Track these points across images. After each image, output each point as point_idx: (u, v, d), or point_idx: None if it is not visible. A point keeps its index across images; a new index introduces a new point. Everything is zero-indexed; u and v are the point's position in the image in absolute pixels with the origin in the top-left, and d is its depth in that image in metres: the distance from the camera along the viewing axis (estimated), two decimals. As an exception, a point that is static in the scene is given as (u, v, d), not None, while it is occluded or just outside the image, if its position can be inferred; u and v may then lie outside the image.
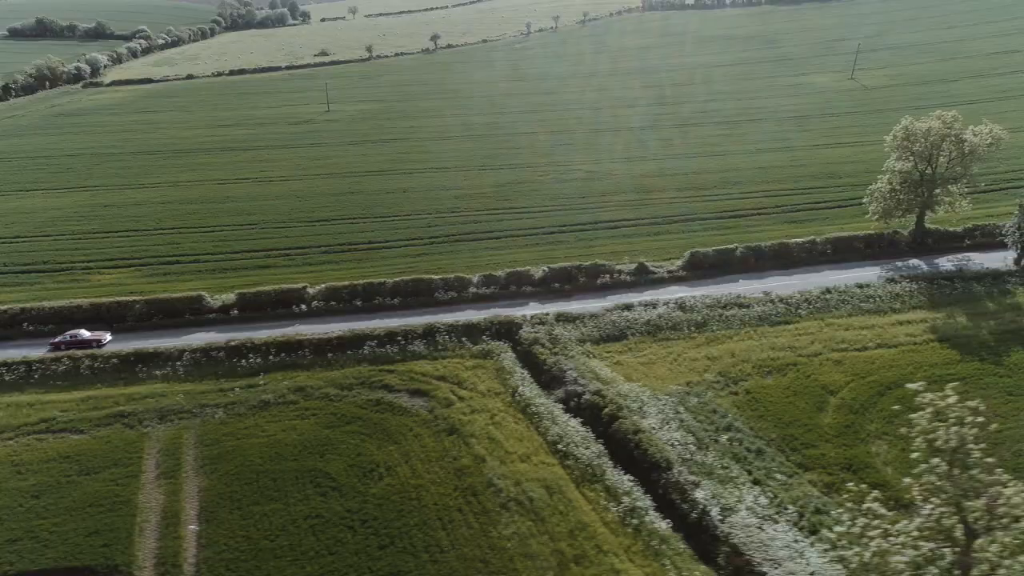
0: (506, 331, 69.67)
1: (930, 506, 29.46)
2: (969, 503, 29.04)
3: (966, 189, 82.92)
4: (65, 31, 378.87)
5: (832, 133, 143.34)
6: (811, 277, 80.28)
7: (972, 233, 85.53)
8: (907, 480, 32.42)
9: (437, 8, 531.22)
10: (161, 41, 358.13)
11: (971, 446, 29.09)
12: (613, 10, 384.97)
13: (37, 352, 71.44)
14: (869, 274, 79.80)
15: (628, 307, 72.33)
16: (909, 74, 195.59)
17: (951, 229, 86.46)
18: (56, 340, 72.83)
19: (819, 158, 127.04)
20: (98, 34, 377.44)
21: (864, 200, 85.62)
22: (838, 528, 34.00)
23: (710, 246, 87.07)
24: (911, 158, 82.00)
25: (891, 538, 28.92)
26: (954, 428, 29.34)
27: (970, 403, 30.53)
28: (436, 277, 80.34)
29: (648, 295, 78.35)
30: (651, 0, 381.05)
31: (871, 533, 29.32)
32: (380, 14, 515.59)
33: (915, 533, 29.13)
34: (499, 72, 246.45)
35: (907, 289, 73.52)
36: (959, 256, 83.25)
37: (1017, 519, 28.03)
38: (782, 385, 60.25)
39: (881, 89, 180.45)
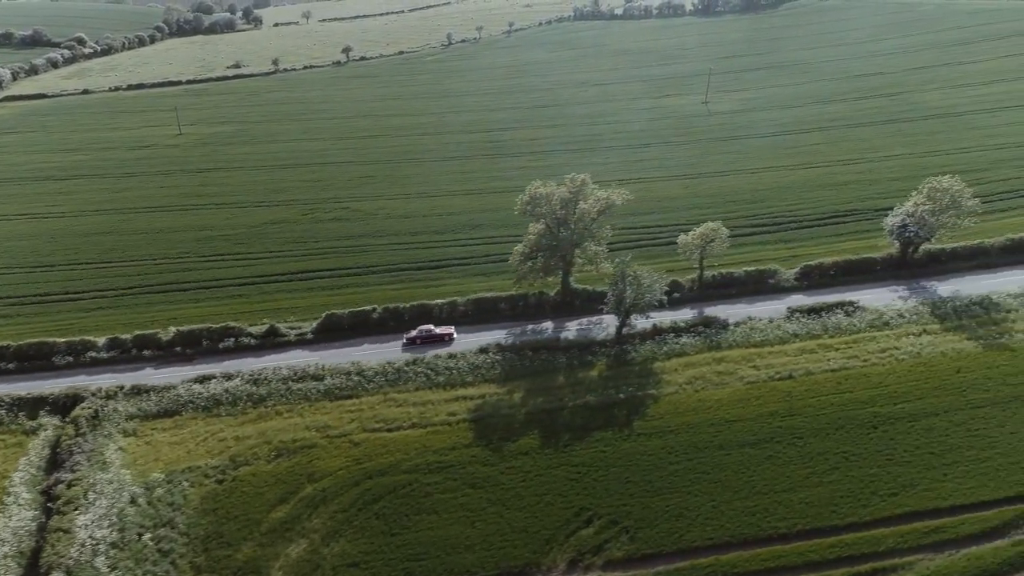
0: (72, 404, 70.22)
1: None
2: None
3: (603, 249, 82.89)
4: (1, 39, 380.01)
5: (608, 169, 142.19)
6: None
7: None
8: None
9: (392, 12, 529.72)
10: (89, 50, 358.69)
11: None
12: (543, 19, 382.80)
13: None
14: (492, 338, 79.75)
15: (205, 379, 72.84)
16: (763, 98, 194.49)
17: (599, 289, 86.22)
18: (412, 335, 78.98)
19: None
20: (35, 41, 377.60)
21: (510, 261, 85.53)
22: None
23: (373, 303, 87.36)
24: (543, 221, 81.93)
25: None
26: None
27: None
28: (60, 340, 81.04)
29: (267, 360, 78.94)
30: (581, 10, 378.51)
31: None
32: (335, 18, 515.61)
33: None
34: (386, 90, 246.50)
35: (489, 360, 73.65)
36: (593, 319, 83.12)
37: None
38: (274, 472, 60.75)
39: (721, 115, 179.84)
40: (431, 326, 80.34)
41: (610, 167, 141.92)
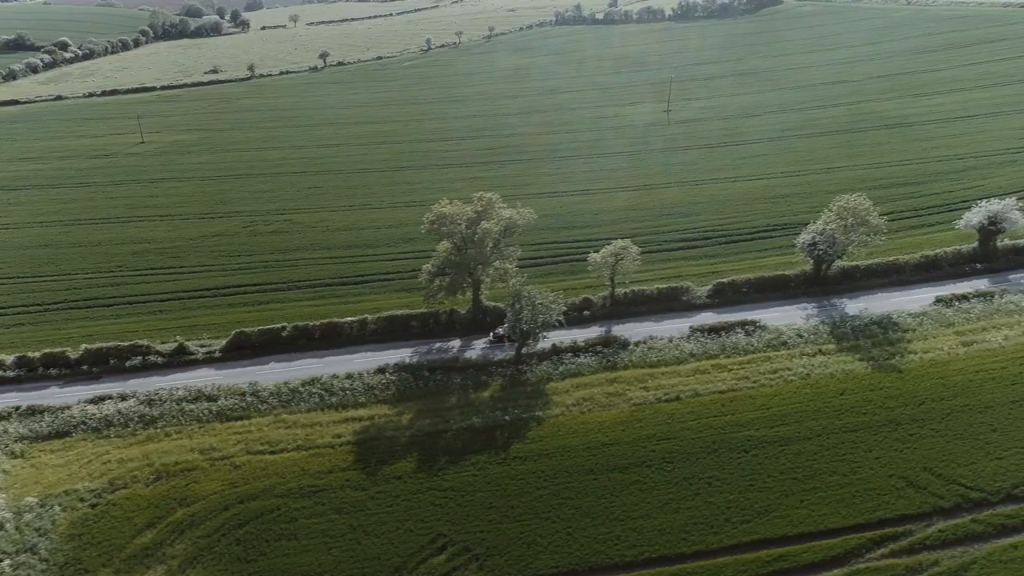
0: (-36, 425, 70.55)
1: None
2: None
3: (512, 267, 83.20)
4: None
5: (556, 180, 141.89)
6: (337, 360, 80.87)
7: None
8: None
9: (379, 16, 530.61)
10: (70, 55, 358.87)
11: None
12: (525, 24, 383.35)
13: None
14: (398, 357, 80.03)
15: (101, 399, 73.18)
16: (724, 107, 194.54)
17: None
18: (499, 332, 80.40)
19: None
20: (19, 45, 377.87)
21: (419, 279, 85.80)
22: None
23: (290, 320, 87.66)
24: (451, 239, 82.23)
25: None
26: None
27: None
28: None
29: (173, 378, 79.40)
30: (563, 15, 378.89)
31: None
32: (322, 22, 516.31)
33: None
34: (357, 96, 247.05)
35: (385, 381, 74.03)
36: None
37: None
38: (150, 496, 61.14)
39: (680, 124, 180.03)
40: None
41: (558, 177, 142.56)
